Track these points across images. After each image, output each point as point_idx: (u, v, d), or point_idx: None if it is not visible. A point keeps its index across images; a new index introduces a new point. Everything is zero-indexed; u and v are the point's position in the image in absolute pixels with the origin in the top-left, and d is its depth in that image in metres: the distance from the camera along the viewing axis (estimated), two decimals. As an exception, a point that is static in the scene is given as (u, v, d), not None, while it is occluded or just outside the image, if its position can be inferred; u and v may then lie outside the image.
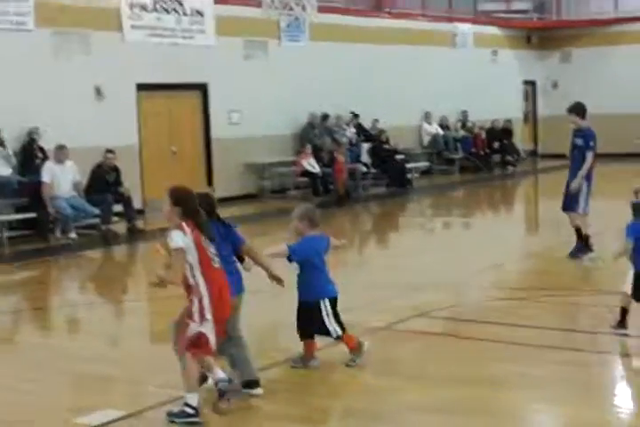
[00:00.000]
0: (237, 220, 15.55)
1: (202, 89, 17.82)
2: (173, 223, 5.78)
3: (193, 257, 5.69)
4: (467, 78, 23.97)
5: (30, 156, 14.40)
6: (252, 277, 6.54)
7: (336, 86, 19.98)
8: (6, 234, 13.35)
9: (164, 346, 7.88)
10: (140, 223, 14.76)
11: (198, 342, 5.72)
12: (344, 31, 20.47)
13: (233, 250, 6.28)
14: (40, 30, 14.82)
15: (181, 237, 5.67)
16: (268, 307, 8.39)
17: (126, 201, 14.60)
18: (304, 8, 12.89)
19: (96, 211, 14.16)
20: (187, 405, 5.75)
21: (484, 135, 23.91)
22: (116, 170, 14.74)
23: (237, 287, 6.14)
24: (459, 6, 25.11)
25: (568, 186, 10.81)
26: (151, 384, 6.57)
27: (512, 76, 26.64)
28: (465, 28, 24.65)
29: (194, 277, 5.71)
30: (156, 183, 16.87)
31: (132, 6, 16.32)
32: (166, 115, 17.28)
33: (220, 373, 5.88)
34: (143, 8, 16.50)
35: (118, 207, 14.59)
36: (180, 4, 17.17)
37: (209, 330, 5.73)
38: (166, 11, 16.92)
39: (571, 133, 10.91)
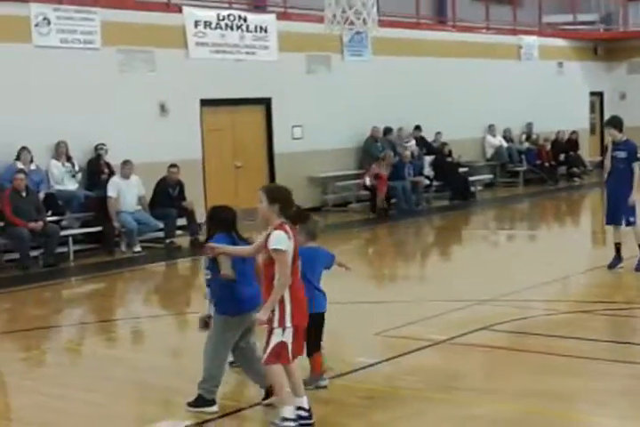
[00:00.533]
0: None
1: (265, 104, 17.96)
2: (271, 223, 5.72)
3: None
4: (532, 90, 23.75)
5: (96, 171, 14.66)
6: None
7: (399, 100, 19.96)
8: (73, 248, 13.59)
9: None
10: (202, 237, 14.88)
11: (279, 352, 5.73)
12: (407, 45, 20.45)
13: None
14: (106, 48, 15.10)
15: (285, 241, 5.63)
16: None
17: (189, 215, 14.76)
18: (365, 22, 12.89)
19: (160, 225, 14.35)
20: (296, 409, 5.78)
21: (549, 147, 23.62)
22: (179, 184, 14.93)
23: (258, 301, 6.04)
24: (523, 19, 24.92)
25: (613, 199, 10.94)
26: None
27: (578, 88, 26.32)
28: (530, 40, 24.45)
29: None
30: (219, 197, 17.00)
31: (196, 24, 16.54)
32: (230, 130, 17.44)
33: (304, 403, 5.85)
34: (208, 25, 16.72)
35: (182, 221, 14.75)
36: (244, 21, 17.35)
37: (289, 338, 5.72)
38: (230, 28, 17.12)
39: (610, 147, 11.06)
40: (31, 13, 14.16)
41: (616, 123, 10.93)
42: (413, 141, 20.39)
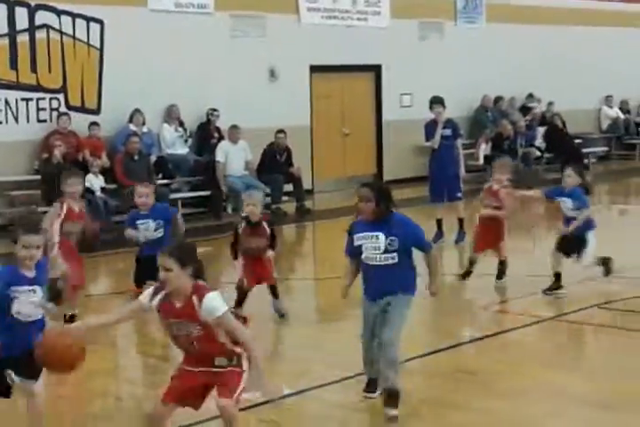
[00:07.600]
0: (408, 202, 15.54)
1: (375, 71, 17.77)
2: None
3: None
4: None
5: (207, 135, 14.77)
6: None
7: (511, 69, 19.47)
8: (182, 211, 13.73)
9: (330, 325, 7.93)
10: (308, 203, 14.90)
11: None
12: (522, 13, 19.90)
13: None
14: (219, 13, 15.14)
15: None
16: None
17: (296, 181, 14.77)
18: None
19: (267, 190, 14.40)
20: None
21: (669, 120, 22.76)
22: (287, 150, 14.93)
23: None
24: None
25: (439, 176, 11.59)
26: (317, 363, 6.59)
27: None
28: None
29: None
30: (326, 164, 17.00)
31: (308, -11, 16.43)
32: (339, 96, 17.33)
33: None
34: (320, -10, 16.58)
35: (288, 187, 14.78)
36: (356, -14, 17.15)
37: None
38: (342, -7, 16.94)
39: (439, 125, 11.63)
40: (146, -23, 14.30)
41: (443, 101, 11.80)
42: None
